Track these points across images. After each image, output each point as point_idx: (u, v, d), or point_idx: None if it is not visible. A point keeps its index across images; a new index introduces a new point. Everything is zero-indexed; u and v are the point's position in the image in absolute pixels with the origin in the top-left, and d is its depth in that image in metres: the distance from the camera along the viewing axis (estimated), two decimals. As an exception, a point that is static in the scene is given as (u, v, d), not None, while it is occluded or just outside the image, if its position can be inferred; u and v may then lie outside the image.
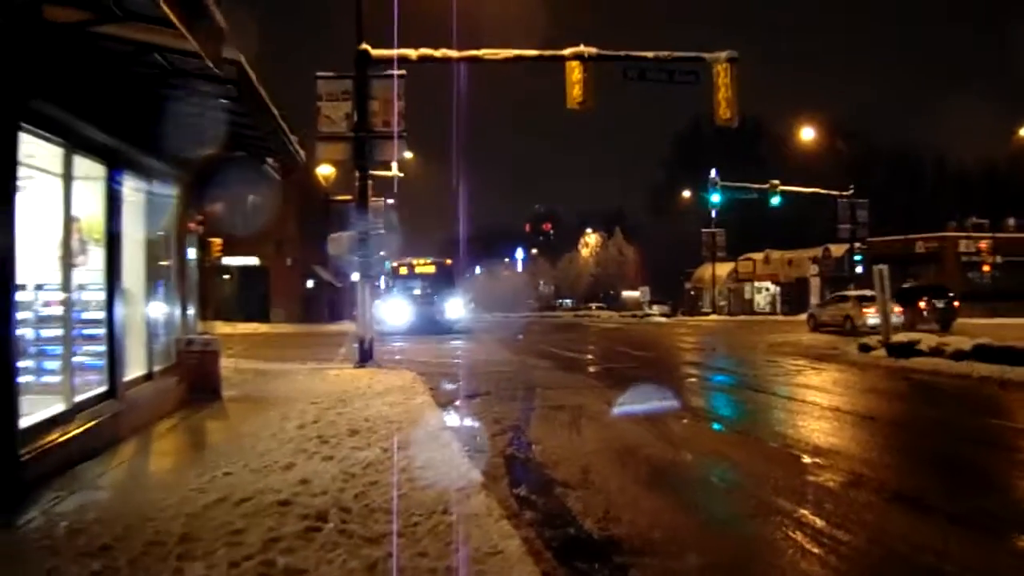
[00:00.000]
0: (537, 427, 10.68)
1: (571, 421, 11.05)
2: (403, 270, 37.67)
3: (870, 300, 31.81)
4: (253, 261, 47.02)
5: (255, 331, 37.53)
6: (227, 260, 43.70)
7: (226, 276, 44.36)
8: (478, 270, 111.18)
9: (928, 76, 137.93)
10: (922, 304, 33.82)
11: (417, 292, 36.58)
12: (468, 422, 11.29)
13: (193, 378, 12.26)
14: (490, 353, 23.85)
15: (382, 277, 37.10)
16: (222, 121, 10.44)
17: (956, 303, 34.63)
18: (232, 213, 43.20)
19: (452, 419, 11.32)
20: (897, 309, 31.30)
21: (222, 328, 27.79)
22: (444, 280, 37.29)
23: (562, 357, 22.54)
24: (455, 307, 36.52)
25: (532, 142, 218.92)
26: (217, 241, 39.25)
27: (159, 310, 11.61)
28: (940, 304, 34.23)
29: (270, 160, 14.04)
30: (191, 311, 13.05)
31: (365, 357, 18.30)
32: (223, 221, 42.15)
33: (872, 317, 30.55)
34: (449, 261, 39.05)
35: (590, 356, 23.65)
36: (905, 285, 36.86)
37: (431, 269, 37.74)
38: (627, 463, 8.49)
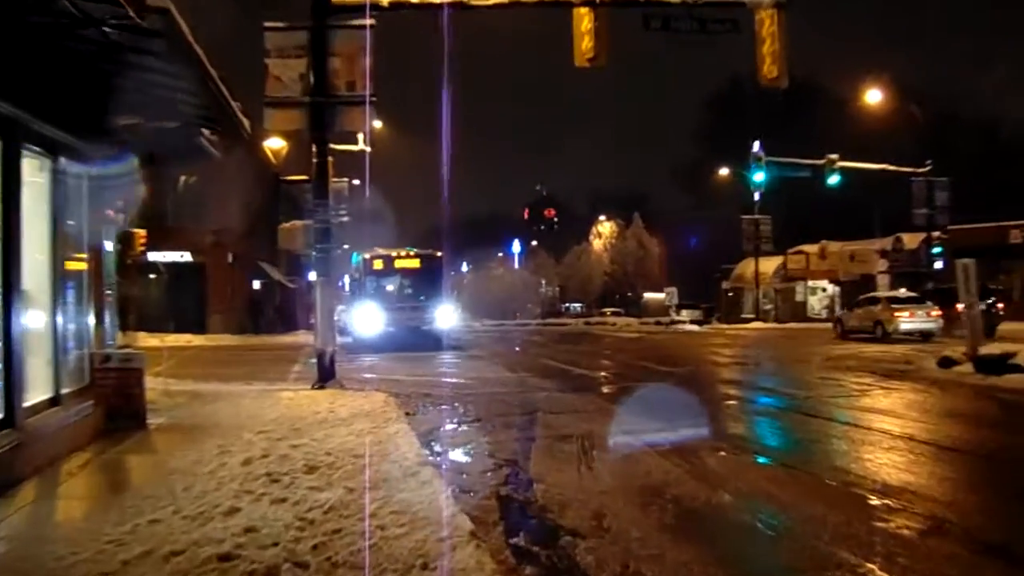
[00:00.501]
0: (539, 461, 10.64)
1: (581, 454, 11.01)
2: (378, 264, 35.27)
3: (903, 302, 36.18)
4: (186, 257, 47.01)
5: (188, 344, 37.58)
6: (153, 256, 43.72)
7: (152, 276, 44.38)
8: (464, 267, 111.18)
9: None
10: (960, 307, 34.71)
11: (397, 294, 34.96)
12: (454, 455, 11.26)
13: (111, 402, 12.23)
14: (480, 370, 23.81)
15: (350, 274, 37.33)
16: (147, 84, 10.42)
17: (1000, 305, 36.40)
18: (160, 198, 43.28)
19: (434, 452, 11.28)
20: (935, 312, 34.91)
21: (147, 340, 27.84)
22: (432, 278, 35.41)
23: (570, 375, 22.52)
24: (446, 314, 35.30)
25: (533, 111, 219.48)
26: (141, 233, 39.21)
27: (68, 318, 11.57)
28: (981, 307, 34.93)
29: (207, 132, 14.02)
30: (108, 320, 13.02)
31: (326, 376, 18.29)
32: (149, 208, 42.31)
33: (906, 322, 34.41)
34: (439, 253, 36.69)
35: (604, 374, 23.62)
36: (934, 287, 40.48)
37: (415, 263, 35.47)
38: (651, 506, 8.45)
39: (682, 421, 13.59)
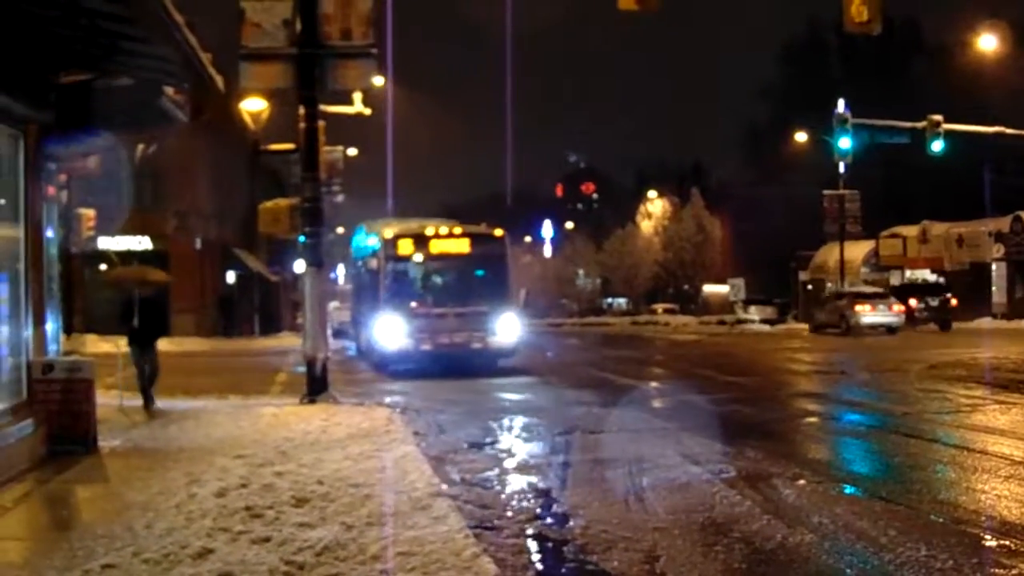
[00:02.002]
0: (577, 491, 10.62)
1: (629, 482, 10.98)
2: (404, 246, 27.38)
3: (867, 297, 45.79)
4: (144, 244, 47.14)
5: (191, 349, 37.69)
6: (104, 242, 43.91)
7: (104, 266, 44.54)
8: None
9: None
10: (913, 303, 47.19)
11: (440, 293, 27.87)
12: (473, 484, 11.24)
13: (55, 421, 12.27)
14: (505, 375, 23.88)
15: (374, 258, 28.30)
16: (96, 32, 10.44)
17: (953, 302, 46.31)
18: (113, 172, 43.43)
19: (449, 479, 11.27)
20: (897, 307, 44.72)
21: (98, 345, 27.92)
22: (490, 269, 28.48)
23: (615, 385, 22.53)
24: (510, 325, 27.52)
25: (570, 68, 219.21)
26: (89, 214, 39.59)
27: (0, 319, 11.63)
28: (934, 303, 46.83)
29: (170, 92, 14.06)
30: (50, 321, 13.05)
31: (316, 388, 18.32)
32: (99, 184, 42.45)
33: (868, 315, 44.46)
34: (499, 232, 29.53)
35: (656, 384, 23.60)
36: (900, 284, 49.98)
37: (463, 246, 28.10)
38: (714, 546, 8.42)
39: (751, 442, 13.53)
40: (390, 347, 26.83)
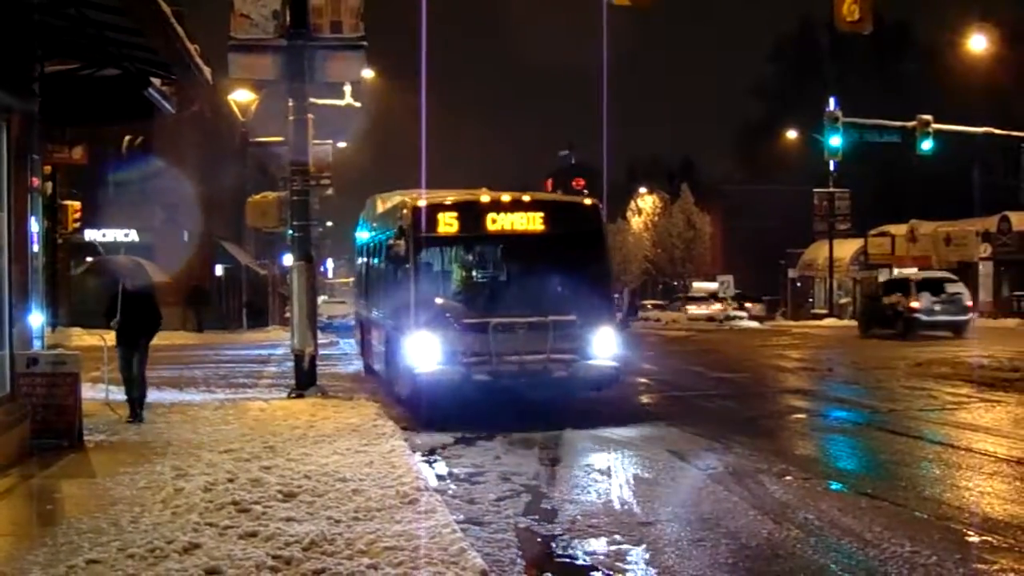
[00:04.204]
0: (565, 486, 10.66)
1: (617, 475, 11.01)
2: (448, 223, 17.84)
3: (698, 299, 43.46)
4: (131, 236, 46.98)
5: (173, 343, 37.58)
6: (91, 234, 43.82)
7: (90, 259, 44.42)
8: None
9: None
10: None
11: (501, 293, 18.51)
12: (461, 478, 11.27)
13: (39, 415, 12.23)
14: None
15: (395, 241, 17.38)
16: (82, 21, 10.41)
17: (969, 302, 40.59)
18: (99, 164, 43.33)
19: (437, 473, 11.30)
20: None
21: (83, 338, 27.81)
22: (580, 257, 18.32)
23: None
24: (607, 340, 17.56)
25: (559, 61, 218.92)
26: (75, 206, 39.49)
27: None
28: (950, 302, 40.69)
29: (157, 83, 14.03)
30: (34, 313, 13.02)
31: (304, 382, 18.29)
32: (85, 176, 42.36)
33: (736, 310, 41.67)
34: (588, 200, 19.48)
35: (645, 380, 23.60)
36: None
37: (539, 222, 18.10)
38: (703, 541, 8.51)
39: (740, 438, 13.60)
40: (422, 376, 16.44)
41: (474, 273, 19.18)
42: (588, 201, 19.25)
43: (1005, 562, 7.75)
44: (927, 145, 48.12)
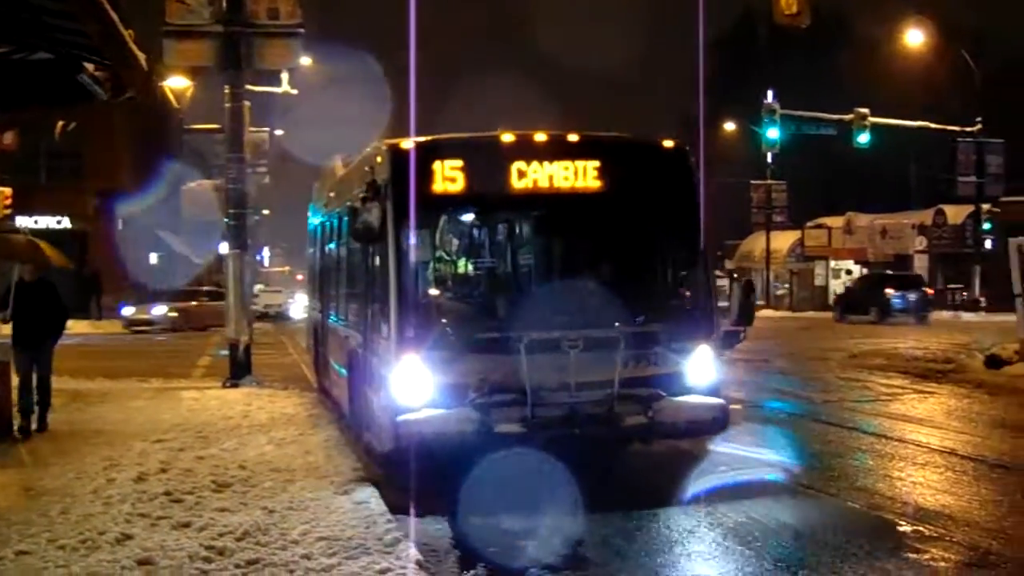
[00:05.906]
0: (512, 483, 10.71)
1: (565, 469, 11.09)
2: (451, 179, 10.96)
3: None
4: (63, 223, 46.34)
5: (69, 331, 37.08)
6: (21, 221, 43.14)
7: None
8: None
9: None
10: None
11: (538, 292, 11.68)
12: (398, 469, 11.26)
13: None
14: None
15: (367, 208, 10.38)
16: (17, 4, 10.29)
17: (930, 292, 45.59)
18: (31, 149, 42.76)
19: (371, 462, 11.29)
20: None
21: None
22: (661, 233, 12.28)
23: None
24: (705, 363, 11.30)
25: (501, 52, 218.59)
26: (5, 192, 38.88)
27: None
28: (912, 296, 45.37)
29: (91, 68, 13.85)
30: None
31: (239, 371, 18.19)
32: (16, 162, 41.75)
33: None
34: (672, 143, 12.87)
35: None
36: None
37: (593, 174, 11.40)
38: (637, 532, 8.60)
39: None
40: (410, 425, 9.93)
41: (493, 259, 12.40)
42: (670, 143, 12.79)
43: (936, 551, 7.85)
44: (864, 138, 48.58)
